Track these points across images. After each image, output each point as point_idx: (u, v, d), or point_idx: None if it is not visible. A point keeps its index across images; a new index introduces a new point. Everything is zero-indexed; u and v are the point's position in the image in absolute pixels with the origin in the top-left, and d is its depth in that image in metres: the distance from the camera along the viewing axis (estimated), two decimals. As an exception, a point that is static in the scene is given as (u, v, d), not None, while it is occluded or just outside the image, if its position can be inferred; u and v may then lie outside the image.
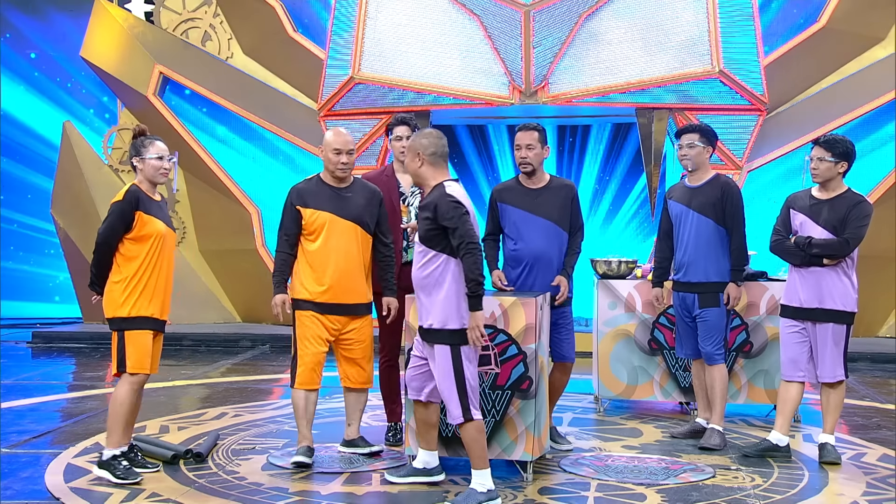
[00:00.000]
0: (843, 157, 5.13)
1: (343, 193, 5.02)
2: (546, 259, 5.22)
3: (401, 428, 5.46)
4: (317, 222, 4.96)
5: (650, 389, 6.50)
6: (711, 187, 5.54)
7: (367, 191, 5.10)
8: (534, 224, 5.23)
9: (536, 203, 5.24)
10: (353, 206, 5.00)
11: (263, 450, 5.37)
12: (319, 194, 5.00)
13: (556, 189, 5.29)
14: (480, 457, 4.35)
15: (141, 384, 4.80)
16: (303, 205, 4.98)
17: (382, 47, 9.27)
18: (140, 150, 4.85)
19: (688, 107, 9.06)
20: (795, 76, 9.99)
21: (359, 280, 5.03)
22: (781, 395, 5.32)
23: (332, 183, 5.03)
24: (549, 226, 5.23)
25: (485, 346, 4.73)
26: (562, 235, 5.26)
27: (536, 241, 5.22)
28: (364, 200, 5.04)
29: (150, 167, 4.82)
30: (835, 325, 5.14)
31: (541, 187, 5.28)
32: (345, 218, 4.97)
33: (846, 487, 4.75)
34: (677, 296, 5.69)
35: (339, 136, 5.02)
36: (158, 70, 10.48)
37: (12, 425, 6.09)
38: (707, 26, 8.94)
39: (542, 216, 5.23)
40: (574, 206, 5.31)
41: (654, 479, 4.85)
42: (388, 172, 5.53)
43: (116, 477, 4.67)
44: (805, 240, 5.14)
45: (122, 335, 4.73)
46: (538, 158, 5.24)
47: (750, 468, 5.06)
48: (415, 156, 4.49)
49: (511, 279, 5.23)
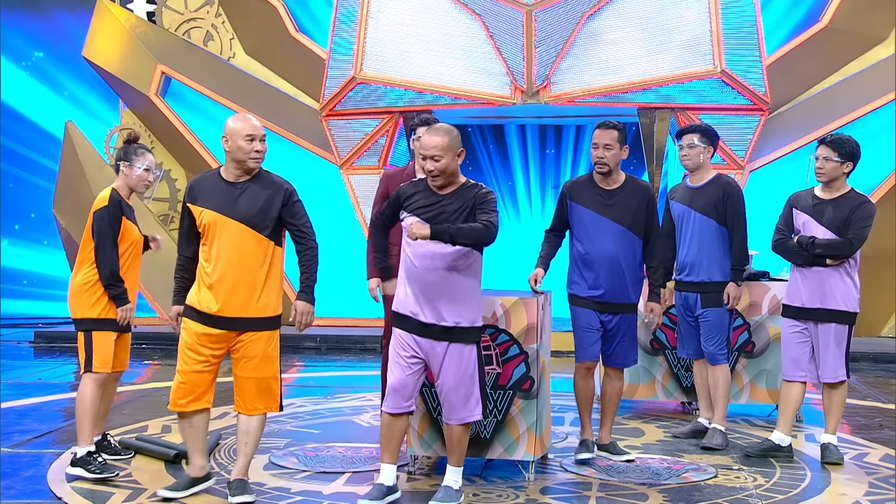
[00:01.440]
0: (849, 157, 5.12)
1: (237, 189, 4.31)
2: (616, 265, 4.96)
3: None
4: (203, 220, 4.32)
5: (652, 389, 6.50)
6: (713, 187, 5.54)
7: (268, 184, 4.35)
8: (605, 227, 4.97)
9: (609, 205, 4.97)
10: (244, 205, 4.28)
11: (265, 450, 5.37)
12: (211, 190, 4.33)
13: (630, 191, 5.00)
14: (464, 454, 4.39)
15: (103, 382, 4.92)
16: (192, 201, 4.35)
17: (384, 47, 9.27)
18: (130, 158, 4.96)
19: (690, 107, 9.06)
20: (797, 76, 9.99)
21: (248, 290, 4.28)
22: (783, 395, 5.32)
23: (230, 178, 4.33)
24: (621, 230, 4.96)
25: (486, 346, 4.74)
26: (635, 241, 4.99)
27: (607, 245, 4.96)
28: (261, 197, 4.31)
29: (136, 176, 4.95)
30: (837, 326, 5.13)
31: (615, 188, 5.01)
32: (233, 218, 4.27)
33: (848, 488, 4.74)
34: (679, 295, 5.68)
35: (246, 120, 4.35)
36: (160, 70, 10.49)
37: (14, 425, 6.09)
38: (709, 26, 8.93)
39: (613, 220, 4.96)
40: (650, 210, 5.01)
41: (656, 479, 4.84)
42: (408, 171, 5.40)
43: (93, 473, 4.74)
44: (808, 240, 5.13)
45: (90, 336, 4.87)
46: (616, 159, 4.98)
47: (752, 468, 5.05)
48: (456, 153, 4.26)
49: (585, 282, 5.01)
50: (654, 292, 5.11)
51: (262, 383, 4.36)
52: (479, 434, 4.80)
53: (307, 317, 4.38)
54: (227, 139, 4.32)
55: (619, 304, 5.01)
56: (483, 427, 4.79)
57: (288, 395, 7.29)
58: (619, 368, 5.15)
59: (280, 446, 5.47)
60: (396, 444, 4.35)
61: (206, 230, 4.31)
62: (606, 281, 4.97)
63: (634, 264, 5.01)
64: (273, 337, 4.39)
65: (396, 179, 5.28)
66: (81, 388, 4.88)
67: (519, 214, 10.93)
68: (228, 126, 4.35)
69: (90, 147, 10.66)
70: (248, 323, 4.31)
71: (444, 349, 4.26)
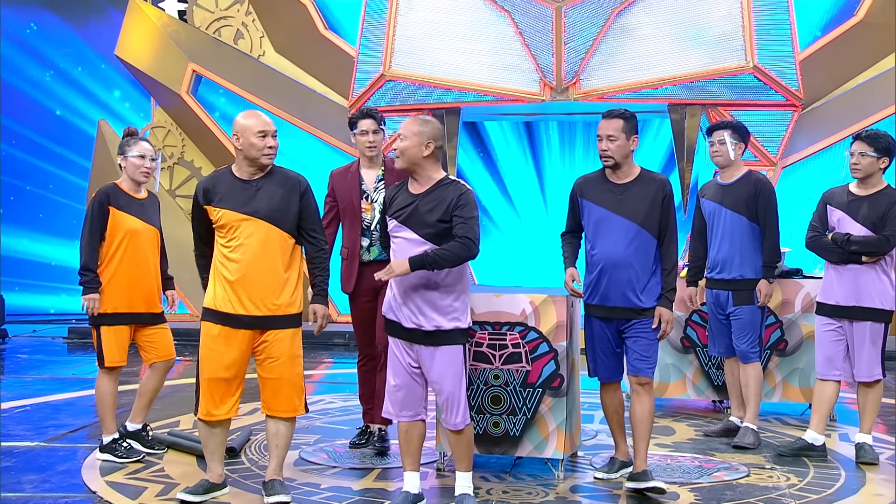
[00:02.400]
0: (885, 152, 5.05)
1: (253, 187, 4.26)
2: (625, 266, 4.48)
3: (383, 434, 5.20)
4: (221, 221, 4.24)
5: (683, 387, 6.45)
6: (744, 184, 5.49)
7: (284, 181, 4.32)
8: (615, 225, 4.50)
9: (620, 200, 4.50)
10: (263, 203, 4.24)
11: (295, 445, 5.38)
12: (226, 190, 4.26)
13: (644, 185, 4.52)
14: (470, 459, 4.26)
15: (116, 375, 5.10)
16: (208, 203, 4.28)
17: (413, 44, 9.27)
18: (124, 149, 5.10)
19: (721, 103, 8.96)
20: (831, 71, 9.85)
21: (272, 288, 4.24)
22: (817, 394, 5.26)
23: (244, 175, 4.29)
24: (633, 228, 4.47)
25: (515, 344, 4.72)
26: (647, 240, 4.49)
27: (616, 244, 4.48)
28: (279, 193, 4.27)
29: (131, 165, 5.07)
30: (872, 324, 5.06)
31: (627, 182, 4.54)
32: (254, 217, 4.22)
33: (884, 488, 4.68)
34: (711, 293, 5.64)
35: (257, 116, 4.30)
36: (191, 68, 10.58)
37: (49, 419, 6.17)
38: (741, 21, 8.83)
39: (624, 216, 4.48)
40: (665, 206, 4.50)
41: (687, 478, 4.81)
42: (353, 169, 5.19)
43: (119, 457, 4.99)
44: (843, 236, 5.07)
45: (99, 331, 5.02)
46: (621, 151, 4.50)
47: (785, 467, 5.00)
48: (425, 143, 4.12)
49: (593, 288, 4.58)
50: (666, 297, 4.54)
51: (288, 383, 4.32)
52: (508, 432, 4.79)
53: (326, 319, 4.37)
54: (239, 137, 4.25)
55: (631, 309, 4.52)
56: (513, 425, 4.78)
57: (317, 391, 7.33)
58: (644, 383, 4.56)
59: (310, 443, 5.49)
60: (416, 451, 4.26)
61: (226, 230, 4.25)
62: (616, 285, 4.50)
63: (647, 266, 4.50)
64: (297, 335, 4.34)
65: (341, 178, 5.19)
66: (97, 382, 5.10)
67: (548, 211, 10.90)
68: (239, 123, 4.28)
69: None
70: (274, 321, 4.26)
71: (430, 353, 4.15)
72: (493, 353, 4.77)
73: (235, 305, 4.23)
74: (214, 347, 4.26)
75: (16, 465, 5.03)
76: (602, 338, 4.62)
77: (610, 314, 4.57)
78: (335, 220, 5.21)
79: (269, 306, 4.25)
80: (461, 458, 4.24)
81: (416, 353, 4.18)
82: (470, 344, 4.74)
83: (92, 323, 5.03)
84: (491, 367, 4.77)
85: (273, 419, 4.35)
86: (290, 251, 4.30)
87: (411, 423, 4.24)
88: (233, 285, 4.23)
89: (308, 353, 9.27)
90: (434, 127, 4.18)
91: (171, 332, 5.24)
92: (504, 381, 4.77)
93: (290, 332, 4.31)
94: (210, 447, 4.41)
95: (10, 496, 4.46)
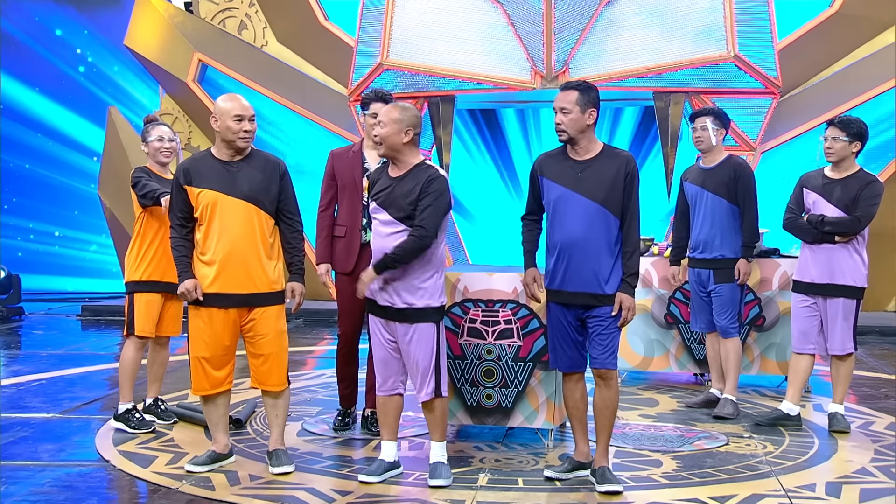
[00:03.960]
0: (857, 137, 5.06)
1: (234, 168, 4.19)
2: (584, 249, 4.02)
3: (355, 416, 5.15)
4: (204, 201, 4.16)
5: (666, 361, 6.48)
6: (724, 168, 5.50)
7: (264, 163, 4.26)
8: (574, 204, 4.03)
9: (580, 178, 4.04)
10: (244, 184, 4.17)
11: (298, 417, 5.42)
12: (207, 171, 4.18)
13: (606, 161, 4.03)
14: (443, 430, 4.27)
15: (143, 346, 5.07)
16: (188, 183, 4.18)
17: (410, 35, 9.23)
18: (145, 136, 5.13)
19: (703, 91, 8.95)
20: (808, 60, 9.85)
21: (256, 266, 4.19)
22: (793, 367, 5.29)
23: (224, 157, 4.22)
24: (592, 206, 4.00)
25: (507, 320, 4.74)
26: (609, 220, 4.01)
27: (574, 225, 4.02)
28: (260, 175, 4.20)
29: (152, 148, 5.10)
30: (845, 300, 5.09)
31: (588, 159, 4.06)
32: (236, 196, 4.15)
33: (855, 454, 4.72)
34: (693, 272, 5.66)
35: (236, 100, 4.23)
36: (197, 58, 10.52)
37: (64, 392, 6.19)
38: (723, 12, 8.82)
39: (583, 194, 4.01)
40: (628, 184, 4.02)
41: (669, 447, 4.84)
42: (355, 149, 5.04)
43: (131, 427, 5.00)
44: (818, 217, 5.08)
45: (132, 298, 4.99)
46: (575, 125, 4.02)
47: (762, 436, 5.04)
48: (405, 129, 4.08)
49: (552, 272, 4.13)
50: (626, 282, 4.04)
51: (278, 358, 4.29)
52: (500, 403, 4.81)
53: (302, 297, 4.32)
54: (217, 119, 4.20)
55: (592, 295, 4.06)
56: (505, 397, 4.81)
57: (319, 365, 7.36)
58: (608, 376, 4.12)
59: (312, 414, 5.52)
60: (392, 422, 4.27)
61: (203, 210, 4.16)
62: (575, 269, 4.04)
63: (610, 248, 4.03)
64: (282, 311, 4.31)
65: (342, 158, 5.02)
66: (124, 350, 5.06)
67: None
68: (218, 106, 4.23)
69: (132, 131, 10.72)
70: (260, 298, 4.22)
71: (405, 330, 4.13)
72: (487, 329, 4.78)
73: (222, 285, 4.17)
74: (203, 328, 4.20)
75: (33, 435, 5.05)
76: (561, 327, 4.16)
77: (570, 300, 4.10)
78: (334, 201, 5.03)
79: (256, 283, 4.20)
80: (434, 429, 4.25)
81: (392, 330, 4.19)
82: (463, 320, 4.76)
83: (127, 290, 4.99)
84: (484, 342, 4.78)
85: (268, 393, 4.34)
86: (270, 231, 4.26)
87: (388, 396, 4.26)
88: (218, 265, 4.16)
89: (310, 329, 9.34)
90: (412, 114, 4.13)
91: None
92: (497, 355, 4.79)
93: (276, 309, 4.28)
94: (213, 419, 4.40)
95: (29, 464, 4.49)
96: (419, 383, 4.18)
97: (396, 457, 4.31)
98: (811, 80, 9.92)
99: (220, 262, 4.16)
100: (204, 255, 4.19)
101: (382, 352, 4.24)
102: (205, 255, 4.19)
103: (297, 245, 4.33)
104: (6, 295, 10.20)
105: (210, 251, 4.17)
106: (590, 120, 4.05)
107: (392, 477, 4.25)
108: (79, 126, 12.29)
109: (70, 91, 12.34)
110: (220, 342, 4.22)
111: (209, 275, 4.17)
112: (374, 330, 4.25)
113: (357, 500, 3.93)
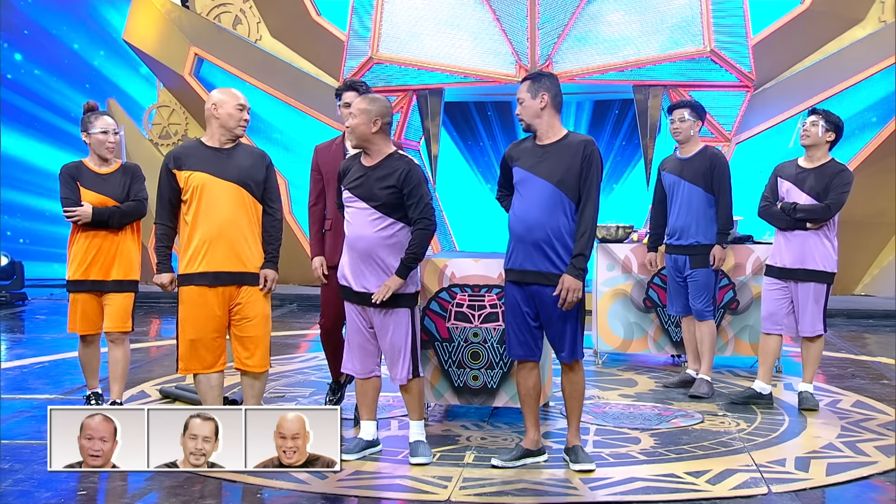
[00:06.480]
0: (835, 127, 5.10)
1: (224, 154, 4.19)
2: (536, 229, 3.90)
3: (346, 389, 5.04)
4: (191, 184, 4.12)
5: (645, 344, 6.50)
6: (701, 158, 5.50)
7: (251, 152, 4.29)
8: (531, 186, 3.94)
9: (540, 161, 3.96)
10: (234, 168, 4.15)
11: (292, 398, 5.41)
12: (197, 156, 4.16)
13: (565, 145, 3.96)
14: (420, 410, 4.23)
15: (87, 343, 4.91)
16: (178, 167, 4.15)
17: (399, 29, 9.20)
18: (86, 126, 4.77)
19: (681, 84, 8.97)
20: (781, 55, 9.88)
21: (243, 246, 4.16)
22: (762, 347, 5.31)
23: (215, 144, 4.21)
24: (548, 188, 3.90)
25: (493, 304, 4.73)
26: (565, 203, 3.90)
27: (529, 206, 3.93)
28: (248, 162, 4.21)
29: (95, 141, 4.75)
30: (816, 284, 5.11)
31: (549, 144, 4.00)
32: (226, 179, 4.14)
33: (823, 430, 4.75)
34: (670, 258, 5.67)
35: (234, 91, 4.27)
36: (193, 52, 10.46)
37: (66, 374, 6.16)
38: (699, 9, 8.84)
39: (540, 175, 3.92)
40: (586, 168, 3.89)
41: (647, 425, 4.85)
42: (337, 142, 4.87)
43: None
44: (791, 205, 5.10)
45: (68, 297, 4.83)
46: (529, 112, 4.01)
47: (735, 414, 5.06)
48: (373, 120, 4.03)
49: (508, 254, 4.05)
50: (573, 264, 3.87)
51: (262, 341, 4.24)
52: (486, 384, 4.81)
53: (274, 284, 4.25)
54: (218, 107, 4.18)
55: (541, 273, 3.92)
56: (490, 378, 4.81)
57: (312, 349, 7.34)
58: (575, 367, 4.04)
59: (305, 395, 5.50)
60: (371, 403, 4.24)
61: (193, 192, 4.12)
62: (528, 250, 3.93)
63: (565, 230, 3.90)
64: (267, 296, 4.25)
65: (325, 151, 4.89)
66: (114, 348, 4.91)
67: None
68: (218, 96, 4.21)
69: (130, 123, 10.66)
70: (249, 277, 4.17)
71: (379, 315, 4.09)
72: (473, 313, 4.78)
73: (210, 263, 4.10)
74: (195, 310, 4.13)
75: (36, 415, 5.02)
76: (516, 308, 4.02)
77: (522, 278, 3.96)
78: (322, 195, 4.87)
79: (244, 262, 4.15)
80: (412, 410, 4.23)
81: (368, 316, 4.16)
82: (450, 305, 4.75)
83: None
84: (470, 325, 4.78)
85: (248, 374, 4.27)
86: (257, 216, 4.23)
87: (366, 379, 4.23)
88: (208, 245, 4.10)
89: (303, 314, 9.32)
90: (381, 105, 4.08)
91: (131, 303, 4.86)
92: (482, 338, 4.78)
93: (262, 293, 4.23)
94: (209, 401, 4.31)
95: (32, 443, 4.46)
96: (397, 366, 4.14)
97: (375, 435, 4.29)
98: (783, 74, 9.95)
99: (210, 242, 4.10)
100: (193, 235, 4.13)
101: (359, 337, 4.18)
102: (194, 234, 4.13)
103: (275, 234, 4.28)
104: (9, 281, 10.14)
105: (199, 231, 4.12)
106: (541, 104, 4.01)
107: (371, 454, 4.23)
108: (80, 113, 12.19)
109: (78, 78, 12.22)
110: (212, 320, 4.13)
111: (200, 256, 4.11)
112: (351, 316, 4.20)
113: (346, 478, 3.93)
